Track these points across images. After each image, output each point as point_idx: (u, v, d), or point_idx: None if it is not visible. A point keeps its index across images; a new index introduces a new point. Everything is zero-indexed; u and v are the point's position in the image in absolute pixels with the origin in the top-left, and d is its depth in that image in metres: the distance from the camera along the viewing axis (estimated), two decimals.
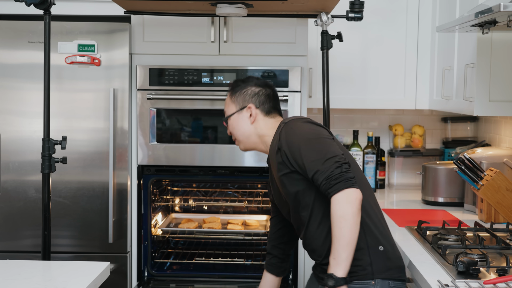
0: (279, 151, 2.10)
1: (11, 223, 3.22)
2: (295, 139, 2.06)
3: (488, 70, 2.73)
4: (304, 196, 2.09)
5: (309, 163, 2.00)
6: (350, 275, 1.98)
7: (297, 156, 2.04)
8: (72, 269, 2.02)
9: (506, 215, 2.77)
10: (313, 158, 2.00)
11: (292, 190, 2.11)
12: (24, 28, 3.17)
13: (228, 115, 2.30)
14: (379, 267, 2.04)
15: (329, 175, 1.95)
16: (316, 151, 2.01)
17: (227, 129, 2.34)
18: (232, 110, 2.29)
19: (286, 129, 2.12)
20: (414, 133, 3.86)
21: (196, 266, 3.50)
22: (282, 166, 2.10)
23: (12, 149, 3.21)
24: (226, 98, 2.35)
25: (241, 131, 2.27)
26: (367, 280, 2.03)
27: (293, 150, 2.05)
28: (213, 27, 3.23)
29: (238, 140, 2.31)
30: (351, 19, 3.00)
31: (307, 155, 2.01)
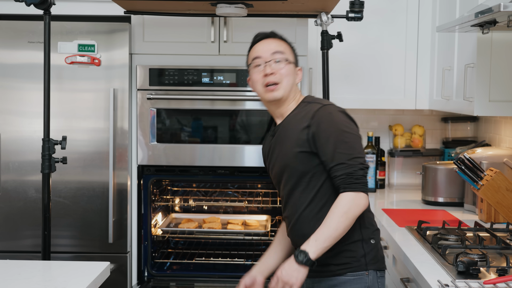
0: (307, 128, 2.06)
1: (11, 223, 3.22)
2: (330, 126, 2.05)
3: (488, 70, 2.73)
4: (312, 179, 2.09)
5: (336, 154, 2.01)
6: (344, 267, 2.05)
7: (326, 142, 2.03)
8: (72, 269, 2.02)
9: (506, 215, 2.77)
10: (341, 150, 2.01)
11: (302, 169, 2.09)
12: (24, 28, 3.17)
13: (290, 61, 2.19)
14: (371, 258, 2.10)
15: (352, 173, 1.99)
16: (347, 145, 2.02)
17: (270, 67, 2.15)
18: (293, 59, 2.21)
19: (323, 112, 2.08)
20: (414, 133, 3.86)
21: (196, 266, 3.50)
22: (304, 143, 2.07)
23: (12, 149, 3.21)
24: (276, 41, 2.22)
25: (290, 83, 2.16)
26: (361, 271, 2.08)
27: (325, 135, 2.03)
28: (213, 27, 3.23)
29: (281, 86, 2.15)
30: (351, 19, 3.00)
31: (338, 145, 2.01)
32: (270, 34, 2.24)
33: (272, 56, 2.17)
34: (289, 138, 2.12)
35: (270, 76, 2.14)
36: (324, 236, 1.96)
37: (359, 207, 1.99)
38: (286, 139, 2.13)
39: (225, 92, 3.24)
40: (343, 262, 2.08)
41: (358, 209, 2.00)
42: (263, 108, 3.25)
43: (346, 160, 2.00)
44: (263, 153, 2.34)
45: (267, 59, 2.16)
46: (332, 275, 2.10)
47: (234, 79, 3.23)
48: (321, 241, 1.95)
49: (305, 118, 2.09)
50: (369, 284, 2.09)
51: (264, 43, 2.22)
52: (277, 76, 2.15)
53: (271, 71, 2.15)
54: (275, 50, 2.17)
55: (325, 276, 2.11)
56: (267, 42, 2.21)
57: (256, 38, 2.26)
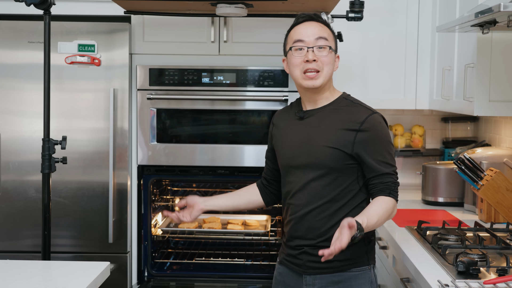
0: (356, 132, 2.06)
1: (11, 223, 3.22)
2: (381, 136, 2.10)
3: (488, 70, 2.73)
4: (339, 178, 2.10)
5: (384, 164, 2.08)
6: (348, 263, 2.11)
7: (376, 151, 2.07)
8: (72, 269, 2.02)
9: (506, 215, 2.76)
10: (388, 161, 2.09)
11: (332, 165, 2.08)
12: (24, 28, 3.17)
13: (333, 49, 2.14)
14: (371, 254, 2.18)
15: (394, 182, 2.10)
16: (391, 156, 2.11)
17: (312, 54, 2.09)
18: (334, 47, 2.16)
19: (375, 120, 2.10)
20: (414, 133, 3.86)
21: (196, 266, 3.50)
22: (348, 144, 2.07)
23: (12, 149, 3.21)
24: (319, 25, 2.13)
25: (330, 72, 2.13)
26: (365, 266, 2.15)
27: (376, 144, 2.08)
28: (213, 27, 3.23)
29: (321, 74, 2.10)
30: (351, 19, 3.00)
31: (386, 156, 2.09)
32: (314, 17, 2.15)
33: (316, 42, 2.09)
34: (327, 133, 2.09)
35: (312, 63, 2.09)
36: (371, 222, 1.96)
37: (394, 213, 2.10)
38: (322, 132, 2.10)
39: (225, 92, 3.24)
40: (347, 258, 2.10)
41: (393, 215, 2.10)
42: (263, 108, 3.26)
43: (391, 170, 2.09)
44: (274, 126, 2.29)
45: (310, 45, 2.09)
46: (335, 271, 2.11)
47: (234, 79, 3.23)
48: (369, 224, 1.95)
49: (351, 119, 2.09)
50: (372, 279, 2.16)
51: (308, 26, 2.12)
52: (319, 64, 2.09)
53: (313, 58, 2.08)
54: (319, 36, 2.10)
55: (328, 273, 2.11)
56: (311, 26, 2.12)
57: (298, 19, 2.16)
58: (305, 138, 2.13)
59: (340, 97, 2.17)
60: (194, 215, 2.31)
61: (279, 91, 3.24)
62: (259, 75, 3.24)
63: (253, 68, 3.24)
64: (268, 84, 3.24)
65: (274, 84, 3.24)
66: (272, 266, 3.48)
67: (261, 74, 3.23)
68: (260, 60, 3.26)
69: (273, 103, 3.24)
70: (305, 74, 2.10)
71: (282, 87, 3.22)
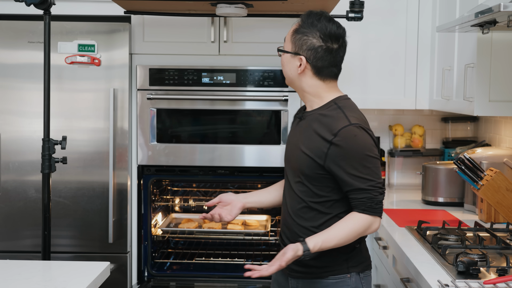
0: (329, 143, 1.99)
1: (11, 223, 3.22)
2: (354, 149, 1.98)
3: (488, 70, 2.73)
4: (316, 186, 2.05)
5: (358, 178, 1.98)
6: (325, 270, 2.06)
7: (348, 165, 1.98)
8: (72, 269, 2.02)
9: (506, 215, 2.76)
10: (363, 175, 1.98)
11: (307, 173, 2.05)
12: (24, 28, 3.17)
13: (282, 50, 2.14)
14: (354, 261, 2.09)
15: (373, 198, 1.98)
16: (369, 170, 1.99)
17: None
18: (287, 48, 2.12)
19: (348, 132, 1.99)
20: (414, 133, 3.86)
21: (196, 266, 3.50)
22: (322, 155, 2.01)
23: (12, 149, 3.21)
24: (292, 28, 2.14)
25: (287, 73, 2.13)
26: (343, 274, 2.08)
27: (347, 158, 1.98)
28: (213, 27, 3.23)
29: (284, 74, 2.17)
30: (351, 19, 3.00)
31: (360, 170, 1.98)
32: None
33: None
34: (307, 138, 2.07)
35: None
36: (331, 243, 1.97)
37: (371, 229, 2.01)
38: (305, 137, 2.08)
39: (225, 92, 3.24)
40: (324, 265, 2.06)
41: (369, 231, 2.02)
42: (263, 108, 3.26)
43: (368, 186, 1.98)
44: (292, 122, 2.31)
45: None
46: (315, 277, 2.09)
47: (234, 79, 3.23)
48: (326, 245, 1.97)
49: (328, 128, 2.02)
50: (352, 286, 2.08)
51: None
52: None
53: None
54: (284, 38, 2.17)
55: (309, 278, 2.10)
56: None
57: None
58: (295, 141, 2.13)
59: (331, 101, 2.09)
60: (235, 213, 2.29)
61: (279, 91, 3.24)
62: (259, 75, 3.24)
63: (253, 68, 3.24)
64: (268, 84, 3.24)
65: (274, 84, 3.24)
66: None
67: (261, 74, 3.23)
68: (260, 60, 3.26)
69: (273, 103, 3.24)
70: None
71: (282, 87, 3.22)
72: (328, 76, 2.11)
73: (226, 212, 2.28)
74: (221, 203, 2.30)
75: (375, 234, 3.00)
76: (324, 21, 2.07)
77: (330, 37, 2.07)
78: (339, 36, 2.09)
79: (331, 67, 2.10)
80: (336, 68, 2.12)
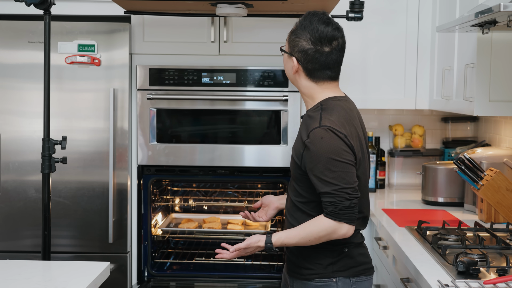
0: (303, 145, 2.01)
1: (11, 223, 3.22)
2: (319, 153, 1.97)
3: (488, 70, 2.73)
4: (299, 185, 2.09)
5: (323, 182, 1.97)
6: (311, 272, 2.08)
7: (314, 167, 1.98)
8: (72, 269, 2.02)
9: (506, 215, 2.76)
10: (328, 179, 1.96)
11: (292, 172, 2.12)
12: (24, 28, 3.17)
13: (282, 50, 2.17)
14: (340, 266, 2.08)
15: (336, 203, 1.96)
16: (335, 173, 1.96)
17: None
18: (286, 48, 2.15)
19: (316, 134, 1.98)
20: (414, 133, 3.86)
21: (196, 266, 3.50)
22: (299, 156, 2.04)
23: (12, 149, 3.21)
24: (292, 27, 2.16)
25: (287, 73, 2.17)
26: (328, 278, 2.07)
27: (313, 161, 1.98)
28: (213, 27, 3.23)
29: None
30: (351, 19, 3.00)
31: (325, 173, 1.96)
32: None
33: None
34: (296, 140, 2.13)
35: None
36: (292, 241, 2.05)
37: (336, 234, 1.99)
38: (296, 138, 2.13)
39: (225, 92, 3.24)
40: (310, 267, 2.08)
41: (334, 237, 2.00)
42: (263, 108, 3.26)
43: (332, 190, 1.95)
44: None
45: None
46: (303, 278, 2.11)
47: (234, 79, 3.23)
48: (287, 242, 2.06)
49: (306, 130, 2.03)
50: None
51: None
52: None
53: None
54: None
55: (299, 279, 2.13)
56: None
57: None
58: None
59: (319, 103, 2.09)
60: (270, 214, 2.42)
61: (279, 91, 3.24)
62: (259, 75, 3.24)
63: (253, 68, 3.24)
64: (268, 84, 3.24)
65: (274, 84, 3.24)
66: (272, 266, 3.48)
67: (261, 74, 3.23)
68: (260, 60, 3.26)
69: (273, 103, 3.24)
70: None
71: (282, 87, 3.22)
72: (321, 78, 2.10)
73: (262, 212, 2.43)
74: (262, 204, 2.44)
75: (375, 234, 3.00)
76: (317, 24, 2.06)
77: (320, 40, 2.05)
78: (332, 39, 2.07)
79: (323, 70, 2.08)
80: (330, 71, 2.10)
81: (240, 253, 2.14)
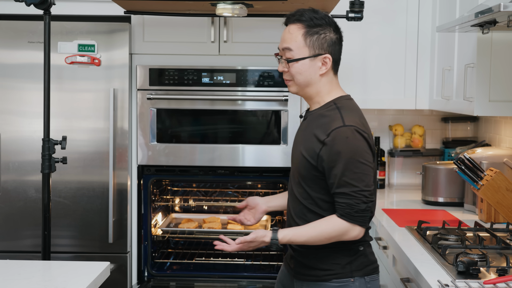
0: (321, 144, 1.96)
1: (11, 223, 3.22)
2: (343, 152, 1.93)
3: (488, 70, 2.73)
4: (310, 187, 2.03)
5: (342, 182, 1.93)
6: (329, 273, 2.02)
7: (335, 166, 1.94)
8: (72, 269, 2.02)
9: (506, 215, 2.77)
10: (348, 180, 1.93)
11: (303, 173, 2.04)
12: (24, 28, 3.17)
13: (297, 58, 2.01)
14: (357, 265, 2.06)
15: (353, 205, 1.93)
16: (356, 175, 1.93)
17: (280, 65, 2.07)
18: (303, 54, 2.01)
19: (341, 134, 1.94)
20: (414, 133, 3.86)
21: (196, 266, 3.51)
22: (314, 156, 1.98)
23: (12, 149, 3.21)
24: (291, 30, 2.03)
25: (305, 79, 2.03)
26: (346, 278, 2.04)
27: (335, 160, 1.93)
28: (213, 27, 3.23)
29: (295, 83, 2.05)
30: (351, 19, 3.00)
31: (346, 174, 1.93)
32: (289, 19, 2.07)
33: (283, 52, 2.06)
34: (305, 140, 2.04)
35: (284, 73, 2.08)
36: (300, 239, 2.00)
37: (347, 236, 1.97)
38: (304, 137, 2.06)
39: (225, 92, 3.24)
40: (327, 268, 2.04)
41: (344, 238, 1.97)
42: (263, 108, 3.26)
43: (350, 191, 1.92)
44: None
45: (281, 54, 2.08)
46: (318, 280, 2.06)
47: (234, 79, 3.23)
48: (295, 240, 2.00)
49: (323, 129, 1.98)
50: None
51: (284, 33, 2.08)
52: (288, 74, 2.06)
53: (281, 69, 2.08)
54: (285, 46, 2.04)
55: (312, 280, 2.07)
56: (285, 32, 2.07)
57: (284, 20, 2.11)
58: (297, 142, 2.12)
59: (331, 101, 2.05)
60: (258, 217, 2.35)
61: (279, 91, 3.24)
62: (259, 75, 3.24)
63: (253, 68, 3.24)
64: (268, 84, 3.24)
65: (274, 84, 3.24)
66: (272, 266, 3.48)
67: (261, 74, 3.23)
68: (260, 60, 3.26)
69: (273, 103, 3.24)
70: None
71: (282, 87, 3.22)
72: (337, 70, 2.12)
73: (250, 215, 2.35)
74: (248, 206, 2.36)
75: (375, 234, 3.00)
76: (327, 15, 2.08)
77: (339, 29, 2.09)
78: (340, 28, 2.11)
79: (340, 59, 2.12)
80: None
81: (243, 247, 2.06)
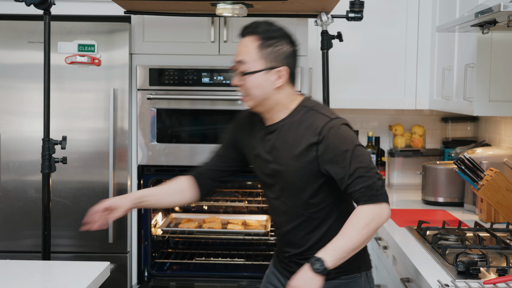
0: (316, 145, 1.92)
1: (11, 223, 3.22)
2: (342, 141, 1.92)
3: (488, 70, 2.73)
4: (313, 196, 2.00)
5: (352, 168, 1.89)
6: (337, 271, 1.96)
7: (340, 158, 1.90)
8: (72, 269, 2.02)
9: (506, 215, 2.77)
10: (357, 164, 1.89)
11: (301, 185, 1.99)
12: (24, 28, 3.17)
13: (251, 71, 1.97)
14: (362, 261, 2.08)
15: (371, 185, 1.89)
16: (361, 157, 1.91)
17: (235, 78, 2.03)
18: (258, 67, 1.96)
19: (331, 127, 1.93)
20: (414, 133, 3.86)
21: (196, 266, 3.50)
22: (313, 161, 1.94)
23: (12, 149, 3.21)
24: (246, 42, 1.99)
25: (261, 93, 1.98)
26: (354, 274, 2.06)
27: (338, 151, 1.90)
28: (213, 27, 3.23)
29: (250, 98, 2.00)
30: (351, 19, 3.00)
31: (353, 159, 1.89)
32: (243, 31, 2.02)
33: (238, 66, 2.02)
34: (291, 150, 1.98)
35: (238, 88, 2.04)
36: (343, 247, 1.86)
37: (382, 218, 1.89)
38: (287, 149, 1.99)
39: (225, 92, 3.24)
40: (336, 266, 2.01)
41: (381, 220, 1.90)
42: None
43: (364, 173, 1.89)
44: (234, 131, 2.24)
45: (234, 68, 2.04)
46: (326, 278, 1.99)
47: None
48: (339, 252, 1.85)
49: (310, 132, 1.94)
50: (362, 286, 2.07)
51: (238, 46, 2.03)
52: (243, 88, 2.02)
53: (236, 83, 2.04)
54: (239, 59, 2.00)
55: None
56: (240, 45, 2.02)
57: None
58: (274, 155, 2.02)
59: (299, 106, 2.01)
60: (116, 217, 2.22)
61: None
62: None
63: None
64: None
65: None
66: None
67: None
68: None
69: None
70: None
71: None
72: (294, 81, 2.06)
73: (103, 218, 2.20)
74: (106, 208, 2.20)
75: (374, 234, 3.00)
76: (282, 28, 2.03)
77: (294, 42, 2.04)
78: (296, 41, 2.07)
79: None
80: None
81: None
